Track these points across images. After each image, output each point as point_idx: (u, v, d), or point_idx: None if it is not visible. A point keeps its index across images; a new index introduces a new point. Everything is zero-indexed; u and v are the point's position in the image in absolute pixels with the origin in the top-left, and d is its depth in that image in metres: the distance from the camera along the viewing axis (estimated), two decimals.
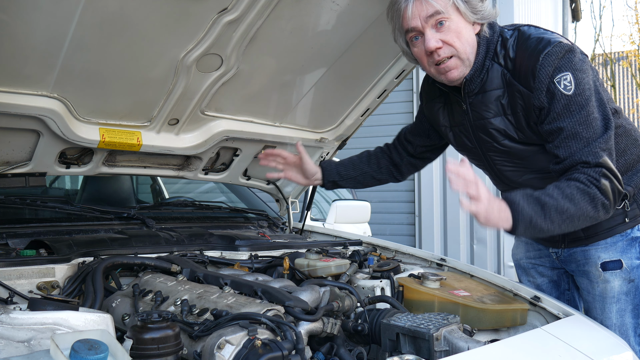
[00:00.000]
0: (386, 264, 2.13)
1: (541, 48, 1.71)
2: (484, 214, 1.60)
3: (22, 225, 2.10)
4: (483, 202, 1.59)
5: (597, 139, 1.69)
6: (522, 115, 1.79)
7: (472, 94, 1.85)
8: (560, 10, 12.28)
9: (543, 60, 1.70)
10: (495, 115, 1.83)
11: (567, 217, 1.63)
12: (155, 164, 2.43)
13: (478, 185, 1.59)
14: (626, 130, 1.91)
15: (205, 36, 1.86)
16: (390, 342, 1.50)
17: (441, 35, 1.74)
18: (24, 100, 1.82)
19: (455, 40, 1.75)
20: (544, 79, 1.70)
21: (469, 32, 1.77)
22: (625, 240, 1.93)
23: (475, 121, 1.89)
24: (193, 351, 1.31)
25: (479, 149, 1.96)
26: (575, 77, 1.69)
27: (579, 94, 1.69)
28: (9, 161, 2.04)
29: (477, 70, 1.80)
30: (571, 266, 2.05)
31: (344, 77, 2.41)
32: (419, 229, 7.25)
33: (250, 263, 2.14)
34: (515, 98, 1.78)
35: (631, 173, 1.91)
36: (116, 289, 1.81)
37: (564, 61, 1.69)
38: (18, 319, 1.22)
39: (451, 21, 1.73)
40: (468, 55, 1.78)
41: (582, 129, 1.69)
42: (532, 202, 1.63)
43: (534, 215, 1.62)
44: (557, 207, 1.62)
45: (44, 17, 1.59)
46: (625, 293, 1.92)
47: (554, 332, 1.63)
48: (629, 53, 23.12)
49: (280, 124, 2.56)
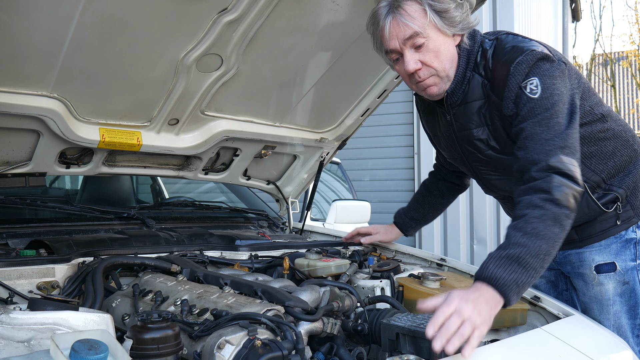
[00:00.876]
0: (386, 264, 2.13)
1: (513, 57, 1.70)
2: (483, 332, 1.38)
3: (22, 225, 2.10)
4: (474, 336, 1.34)
5: (553, 137, 1.63)
6: (499, 126, 1.78)
7: (455, 105, 1.84)
8: (560, 10, 12.29)
9: (514, 69, 1.69)
10: (478, 126, 1.83)
11: (545, 253, 1.49)
12: (155, 164, 2.43)
13: (460, 326, 1.33)
14: (615, 133, 1.90)
15: (205, 36, 1.86)
16: (390, 342, 1.50)
17: (420, 56, 1.73)
18: (24, 100, 1.82)
19: (433, 61, 1.74)
20: (513, 87, 1.69)
21: (448, 46, 1.76)
22: (619, 243, 1.92)
23: (459, 132, 1.89)
24: (193, 351, 1.31)
25: (465, 159, 1.96)
26: (543, 82, 1.67)
27: (545, 97, 1.66)
28: (9, 161, 2.04)
29: (458, 82, 1.79)
30: (567, 268, 2.06)
31: (344, 77, 2.41)
32: None
33: (250, 263, 2.14)
34: (492, 108, 1.78)
35: (623, 174, 1.90)
36: (116, 289, 1.81)
37: (534, 68, 1.68)
38: (18, 319, 1.22)
39: (429, 40, 1.72)
40: (447, 72, 1.77)
41: (541, 130, 1.65)
42: (505, 264, 1.46)
43: (515, 276, 1.45)
44: (531, 252, 1.47)
45: (44, 17, 1.59)
46: (619, 295, 1.92)
47: (553, 332, 1.63)
48: (629, 53, 23.14)
49: (280, 124, 2.56)
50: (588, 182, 1.86)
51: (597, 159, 1.87)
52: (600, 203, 1.89)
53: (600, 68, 24.45)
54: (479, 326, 1.34)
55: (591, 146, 1.86)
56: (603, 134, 1.87)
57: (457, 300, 1.38)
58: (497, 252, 1.49)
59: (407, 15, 1.70)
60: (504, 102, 1.72)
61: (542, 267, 1.49)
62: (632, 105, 25.62)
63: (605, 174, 1.88)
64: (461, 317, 1.34)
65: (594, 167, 1.87)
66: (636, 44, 22.70)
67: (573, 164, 1.60)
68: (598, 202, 1.88)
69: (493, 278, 1.44)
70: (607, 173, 1.88)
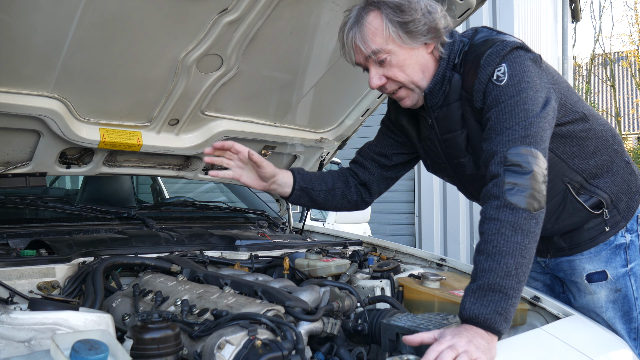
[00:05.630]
0: (386, 264, 2.13)
1: (483, 50, 1.63)
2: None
3: (23, 225, 2.10)
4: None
5: (514, 125, 1.52)
6: (476, 126, 1.70)
7: (436, 108, 1.76)
8: (560, 10, 12.30)
9: (484, 61, 1.61)
10: (462, 127, 1.74)
11: (515, 267, 1.39)
12: (155, 164, 2.43)
13: (455, 358, 1.27)
14: (596, 132, 1.84)
15: (205, 36, 1.86)
16: (390, 342, 1.50)
17: (384, 71, 1.69)
18: (25, 100, 1.82)
19: (398, 75, 1.69)
20: (483, 79, 1.61)
21: (416, 57, 1.69)
22: (609, 249, 1.90)
23: (442, 135, 1.80)
24: (193, 351, 1.31)
25: (447, 164, 1.88)
26: (511, 69, 1.58)
27: (512, 84, 1.56)
28: (9, 161, 2.04)
29: (437, 83, 1.71)
30: (560, 274, 2.05)
31: (344, 77, 2.41)
32: (419, 229, 7.25)
33: (250, 263, 2.14)
34: (466, 105, 1.70)
35: (607, 176, 1.86)
36: (116, 289, 1.81)
37: (504, 58, 1.60)
38: (18, 319, 1.22)
39: (392, 55, 1.66)
40: (417, 83, 1.71)
41: (504, 118, 1.54)
42: (480, 297, 1.38)
43: (493, 306, 1.37)
44: (500, 274, 1.38)
45: (45, 17, 1.59)
46: (612, 302, 1.91)
47: (553, 332, 1.63)
48: (629, 53, 23.15)
49: (281, 124, 2.56)
50: (571, 182, 1.82)
51: (579, 158, 1.81)
52: (587, 205, 1.84)
53: (600, 68, 24.47)
54: (479, 357, 1.29)
55: (573, 146, 1.80)
56: (585, 133, 1.81)
57: (450, 336, 1.32)
58: (469, 286, 1.42)
59: (368, 32, 1.65)
60: (474, 95, 1.64)
61: (519, 282, 1.40)
62: (632, 105, 25.63)
63: (587, 174, 1.83)
64: (455, 351, 1.27)
65: (577, 166, 1.81)
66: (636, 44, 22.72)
67: (533, 155, 1.49)
68: (584, 204, 1.84)
69: (473, 317, 1.37)
70: (589, 172, 1.83)
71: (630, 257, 1.90)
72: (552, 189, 1.80)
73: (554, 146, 1.75)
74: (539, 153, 1.50)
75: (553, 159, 1.76)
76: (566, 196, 1.84)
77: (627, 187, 1.91)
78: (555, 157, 1.77)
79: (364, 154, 2.07)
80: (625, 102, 25.97)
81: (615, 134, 1.92)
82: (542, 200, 1.48)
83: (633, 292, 1.89)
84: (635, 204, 1.92)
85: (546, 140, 1.57)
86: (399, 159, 2.03)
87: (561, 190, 1.83)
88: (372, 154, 2.05)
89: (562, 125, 1.75)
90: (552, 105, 1.63)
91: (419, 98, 1.76)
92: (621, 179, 1.89)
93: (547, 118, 1.58)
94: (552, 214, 1.85)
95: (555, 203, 1.83)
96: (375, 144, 2.07)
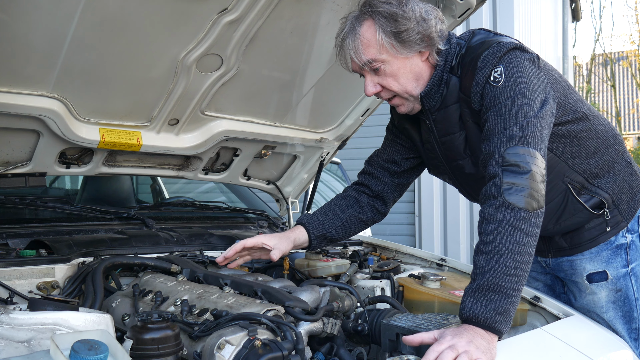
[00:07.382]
0: (386, 264, 2.13)
1: (480, 52, 1.63)
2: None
3: (22, 225, 2.10)
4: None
5: (512, 126, 1.52)
6: (475, 128, 1.71)
7: (434, 110, 1.76)
8: (560, 10, 12.30)
9: (481, 63, 1.62)
10: (461, 129, 1.75)
11: (515, 267, 1.39)
12: (155, 164, 2.43)
13: (455, 358, 1.27)
14: (597, 132, 1.84)
15: (205, 36, 1.86)
16: (390, 342, 1.50)
17: (379, 80, 1.71)
18: (24, 100, 1.82)
19: (392, 84, 1.70)
20: (480, 81, 1.62)
21: (410, 66, 1.69)
22: (610, 250, 1.89)
23: (441, 137, 1.81)
24: (193, 351, 1.31)
25: (447, 166, 1.88)
26: (508, 70, 1.58)
27: (509, 85, 1.57)
28: (9, 161, 2.04)
29: (434, 86, 1.72)
30: (560, 274, 2.05)
31: (344, 77, 2.41)
32: (419, 229, 7.25)
33: (250, 263, 2.14)
34: (464, 107, 1.70)
35: (608, 176, 1.85)
36: (116, 289, 1.81)
37: (501, 59, 1.60)
38: (18, 319, 1.22)
39: (386, 64, 1.67)
40: (410, 93, 1.72)
41: (502, 119, 1.54)
42: (480, 297, 1.38)
43: (493, 306, 1.37)
44: (499, 274, 1.38)
45: (45, 17, 1.59)
46: (612, 302, 1.90)
47: (554, 332, 1.63)
48: (629, 53, 23.15)
49: (280, 124, 2.56)
50: (572, 183, 1.82)
51: (580, 158, 1.81)
52: (588, 205, 1.84)
53: (600, 68, 24.45)
54: (479, 357, 1.29)
55: (574, 146, 1.80)
56: (585, 133, 1.81)
57: (450, 336, 1.32)
58: (469, 286, 1.43)
59: (362, 42, 1.66)
60: (472, 97, 1.64)
61: (519, 281, 1.40)
62: (632, 105, 25.63)
63: (588, 174, 1.82)
64: (455, 351, 1.27)
65: (578, 166, 1.81)
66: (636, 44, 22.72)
67: (531, 155, 1.49)
68: (585, 204, 1.83)
69: (473, 317, 1.37)
70: (590, 173, 1.83)
71: (631, 258, 1.90)
72: (553, 189, 1.80)
73: (554, 146, 1.74)
74: (537, 153, 1.50)
75: (553, 160, 1.76)
76: (567, 196, 1.83)
77: (628, 187, 1.90)
78: (555, 158, 1.77)
79: (373, 163, 2.07)
80: (626, 102, 25.97)
81: (616, 134, 1.92)
82: (541, 199, 1.48)
83: (634, 293, 1.89)
84: (636, 204, 1.92)
85: (544, 140, 1.57)
86: (408, 164, 2.03)
87: (562, 191, 1.83)
88: (381, 162, 2.05)
89: (562, 125, 1.75)
90: (550, 105, 1.63)
91: (414, 105, 1.78)
92: (622, 179, 1.89)
93: (545, 118, 1.58)
94: (553, 214, 1.84)
95: (556, 203, 1.83)
96: (383, 151, 2.07)
